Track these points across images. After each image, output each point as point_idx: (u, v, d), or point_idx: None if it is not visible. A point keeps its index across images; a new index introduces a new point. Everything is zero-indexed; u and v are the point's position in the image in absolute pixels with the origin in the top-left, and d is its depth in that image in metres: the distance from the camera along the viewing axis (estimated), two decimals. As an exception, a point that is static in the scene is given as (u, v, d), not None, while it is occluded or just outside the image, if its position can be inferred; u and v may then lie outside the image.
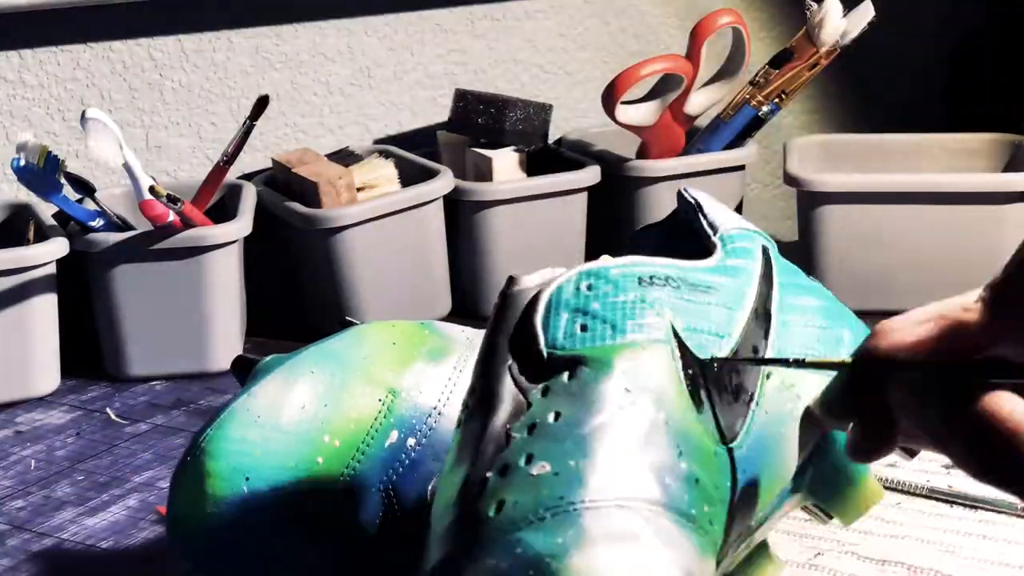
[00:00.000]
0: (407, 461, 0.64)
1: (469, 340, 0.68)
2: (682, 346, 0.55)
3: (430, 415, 0.65)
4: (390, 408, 0.64)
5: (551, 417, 0.52)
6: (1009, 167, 1.11)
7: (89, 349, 1.00)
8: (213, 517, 0.62)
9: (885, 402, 0.51)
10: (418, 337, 0.67)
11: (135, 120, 1.09)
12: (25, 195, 1.01)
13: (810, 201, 1.04)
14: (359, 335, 0.67)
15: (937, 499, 0.75)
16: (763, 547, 0.63)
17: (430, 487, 0.65)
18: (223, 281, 0.97)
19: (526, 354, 0.54)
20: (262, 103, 1.00)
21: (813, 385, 0.58)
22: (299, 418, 0.63)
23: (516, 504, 0.50)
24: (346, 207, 1.00)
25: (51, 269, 0.95)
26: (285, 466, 0.63)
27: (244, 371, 0.67)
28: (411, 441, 0.64)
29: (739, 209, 1.13)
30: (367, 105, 1.16)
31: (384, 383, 0.65)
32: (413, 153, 1.10)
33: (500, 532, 0.50)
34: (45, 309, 0.95)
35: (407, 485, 0.64)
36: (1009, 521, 0.73)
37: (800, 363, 0.54)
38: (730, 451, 0.55)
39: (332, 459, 0.63)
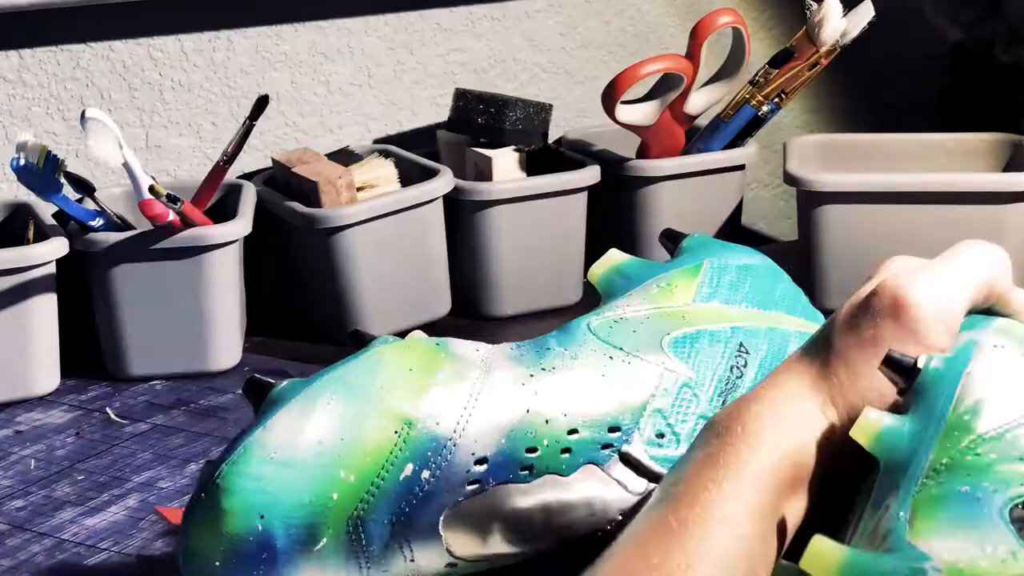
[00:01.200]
0: (420, 493, 0.64)
1: (484, 362, 0.67)
2: None
3: (445, 446, 0.64)
4: (406, 440, 0.64)
5: None
6: (1009, 167, 1.11)
7: (89, 349, 1.00)
8: (227, 554, 0.62)
9: None
10: (434, 361, 0.66)
11: (135, 120, 1.09)
12: (25, 195, 1.01)
13: (810, 201, 1.04)
14: (375, 361, 0.65)
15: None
16: None
17: (441, 518, 0.64)
18: (223, 281, 0.97)
19: None
20: (262, 103, 1.00)
21: None
22: (316, 452, 0.62)
23: None
24: (346, 207, 1.00)
25: (51, 269, 0.95)
26: (300, 503, 0.62)
27: (258, 395, 0.66)
28: (425, 473, 0.64)
29: (739, 209, 1.13)
30: (367, 105, 1.16)
31: (400, 414, 0.64)
32: (413, 153, 1.10)
33: None
34: (45, 309, 0.95)
35: (419, 515, 0.64)
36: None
37: None
38: None
39: (347, 494, 0.63)
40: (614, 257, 0.79)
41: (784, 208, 1.34)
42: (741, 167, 1.12)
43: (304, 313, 1.07)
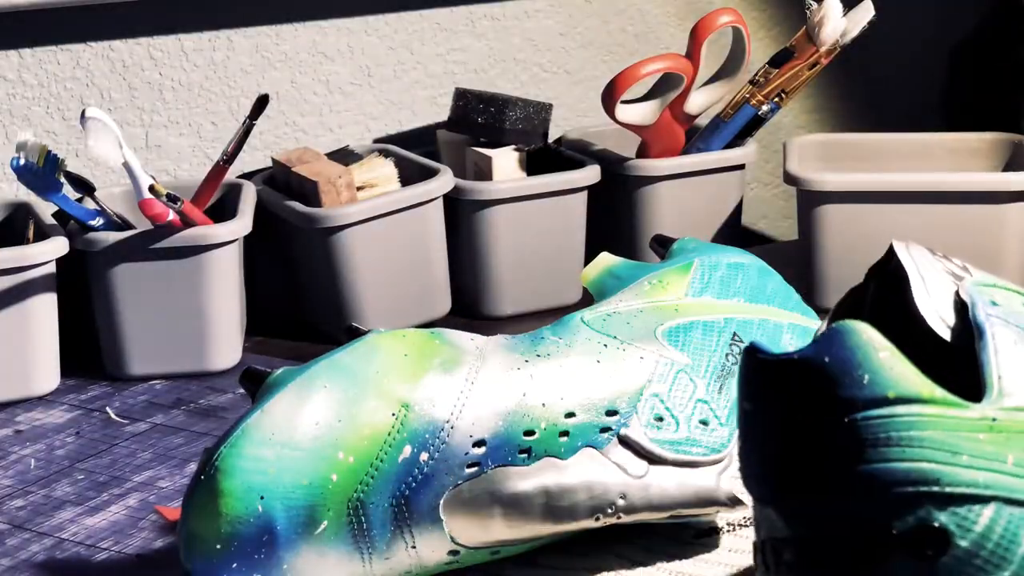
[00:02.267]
0: (420, 476, 0.64)
1: (479, 349, 0.68)
2: None
3: (442, 429, 0.65)
4: (403, 422, 0.64)
5: None
6: (1009, 167, 1.11)
7: (89, 348, 1.00)
8: (227, 537, 0.62)
9: None
10: (429, 348, 0.67)
11: (135, 119, 1.09)
12: (25, 194, 1.01)
13: (810, 200, 1.04)
14: (371, 347, 0.66)
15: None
16: None
17: (441, 501, 0.65)
18: (223, 280, 0.97)
19: None
20: (262, 102, 1.00)
21: None
22: (314, 435, 0.63)
23: None
24: (346, 206, 1.00)
25: (51, 268, 0.95)
26: (299, 484, 0.63)
27: (254, 384, 0.67)
28: (424, 456, 0.64)
29: (739, 208, 1.13)
30: (367, 104, 1.16)
31: (397, 397, 0.65)
32: (413, 152, 1.10)
33: None
34: (45, 308, 0.95)
35: (419, 498, 0.64)
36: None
37: None
38: None
39: (346, 475, 0.63)
40: (606, 260, 0.79)
41: (784, 208, 1.34)
42: (741, 167, 1.12)
43: (304, 313, 1.07)
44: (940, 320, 0.56)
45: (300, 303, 1.07)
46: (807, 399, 0.51)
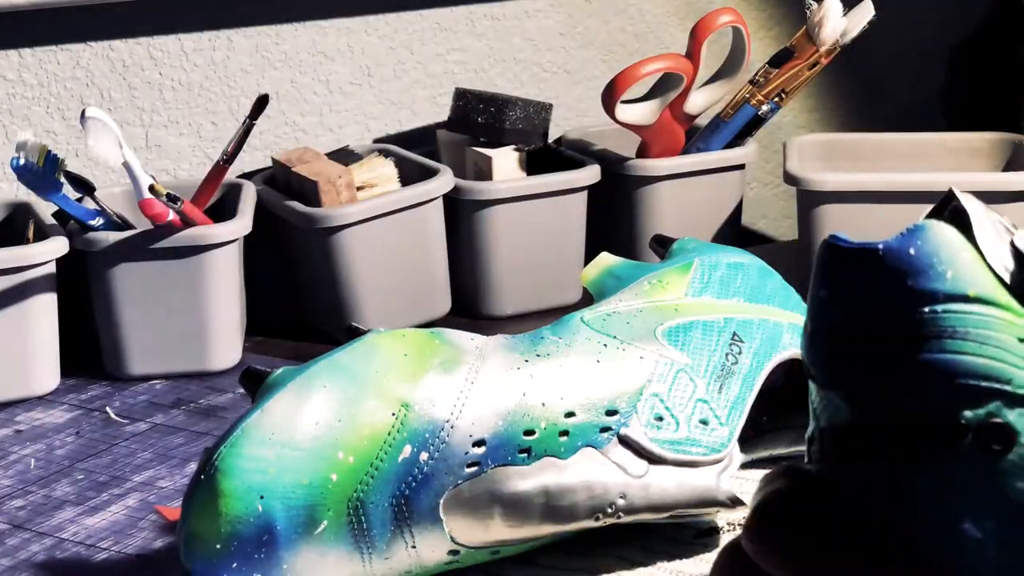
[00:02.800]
0: (419, 476, 0.64)
1: (479, 349, 0.68)
2: None
3: (443, 428, 0.65)
4: (403, 422, 0.64)
5: None
6: (1009, 167, 1.11)
7: (89, 348, 1.00)
8: (227, 537, 0.62)
9: None
10: (429, 348, 0.67)
11: (135, 119, 1.09)
12: (25, 194, 1.01)
13: (810, 200, 1.04)
14: (370, 347, 0.66)
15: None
16: None
17: (441, 500, 0.65)
18: (223, 280, 0.97)
19: None
20: (262, 102, 1.00)
21: None
22: (313, 434, 0.63)
23: None
24: (346, 206, 1.00)
25: (51, 268, 0.95)
26: (299, 483, 0.63)
27: (254, 384, 0.67)
28: (424, 456, 0.64)
29: (739, 208, 1.13)
30: (367, 104, 1.16)
31: (397, 397, 0.65)
32: (413, 152, 1.10)
33: None
34: (45, 308, 0.95)
35: (419, 498, 0.64)
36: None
37: None
38: None
39: (346, 475, 0.63)
40: (605, 260, 0.80)
41: (784, 208, 1.34)
42: (741, 166, 1.12)
43: (304, 313, 1.07)
44: (1002, 265, 0.57)
45: (300, 303, 1.07)
46: (888, 287, 0.53)
